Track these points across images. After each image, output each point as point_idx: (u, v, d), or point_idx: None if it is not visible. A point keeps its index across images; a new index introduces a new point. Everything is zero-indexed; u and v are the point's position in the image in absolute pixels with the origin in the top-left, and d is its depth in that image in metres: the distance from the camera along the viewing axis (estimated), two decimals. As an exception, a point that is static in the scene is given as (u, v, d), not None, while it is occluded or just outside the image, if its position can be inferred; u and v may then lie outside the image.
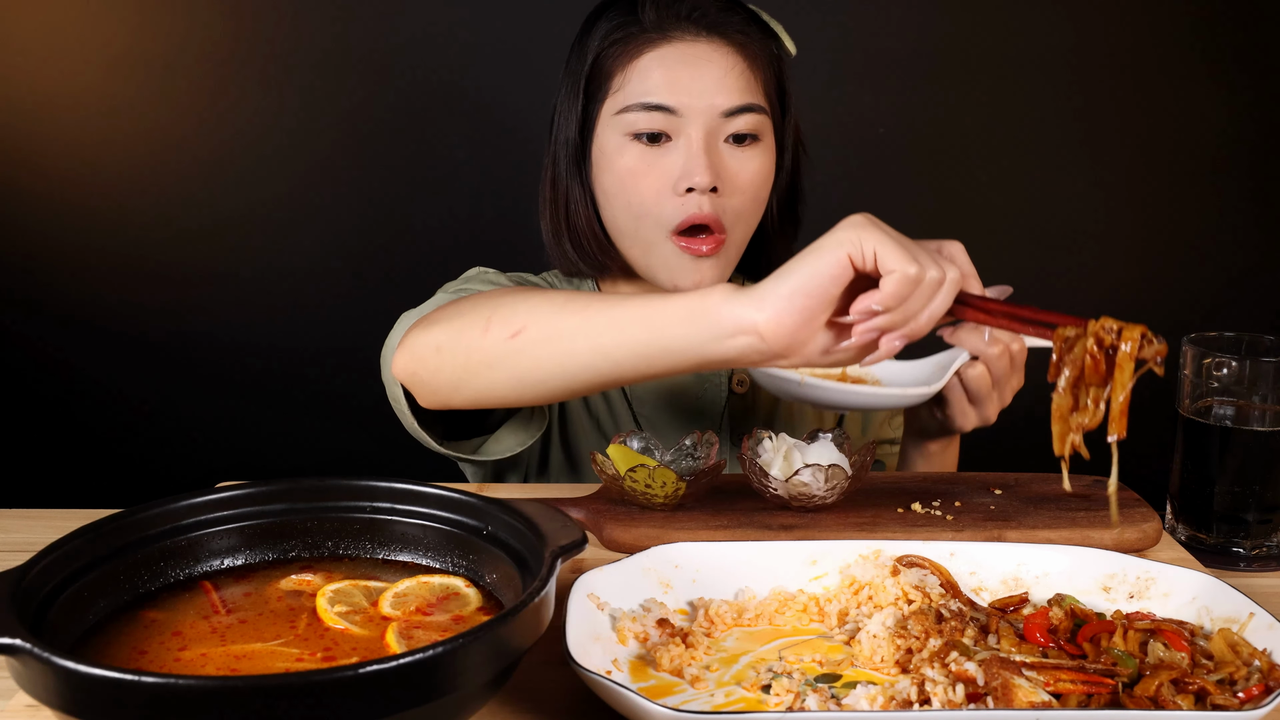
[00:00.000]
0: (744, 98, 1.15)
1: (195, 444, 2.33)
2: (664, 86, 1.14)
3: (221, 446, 2.32)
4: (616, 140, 1.17)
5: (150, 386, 2.29)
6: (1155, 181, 2.29)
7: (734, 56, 1.16)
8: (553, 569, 0.68)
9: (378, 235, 2.27)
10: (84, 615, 0.71)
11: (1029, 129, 2.25)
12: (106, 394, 2.31)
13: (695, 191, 1.14)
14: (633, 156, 1.16)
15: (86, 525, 0.73)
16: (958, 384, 1.13)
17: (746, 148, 1.17)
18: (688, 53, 1.15)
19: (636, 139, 1.16)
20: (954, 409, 1.13)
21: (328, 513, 0.81)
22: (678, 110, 1.14)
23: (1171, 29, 2.24)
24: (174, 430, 2.32)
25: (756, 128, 1.17)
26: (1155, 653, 0.74)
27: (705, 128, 1.14)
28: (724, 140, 1.16)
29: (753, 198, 1.18)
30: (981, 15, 2.22)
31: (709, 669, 0.77)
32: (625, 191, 1.17)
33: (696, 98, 1.14)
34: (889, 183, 2.25)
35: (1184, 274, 2.32)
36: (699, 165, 1.13)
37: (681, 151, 1.14)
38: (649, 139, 1.16)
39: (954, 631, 0.78)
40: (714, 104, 1.14)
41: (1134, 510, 1.02)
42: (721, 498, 1.05)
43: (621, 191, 1.17)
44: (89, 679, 0.56)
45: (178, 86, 2.19)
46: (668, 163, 1.15)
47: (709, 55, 1.15)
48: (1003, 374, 1.10)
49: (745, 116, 1.15)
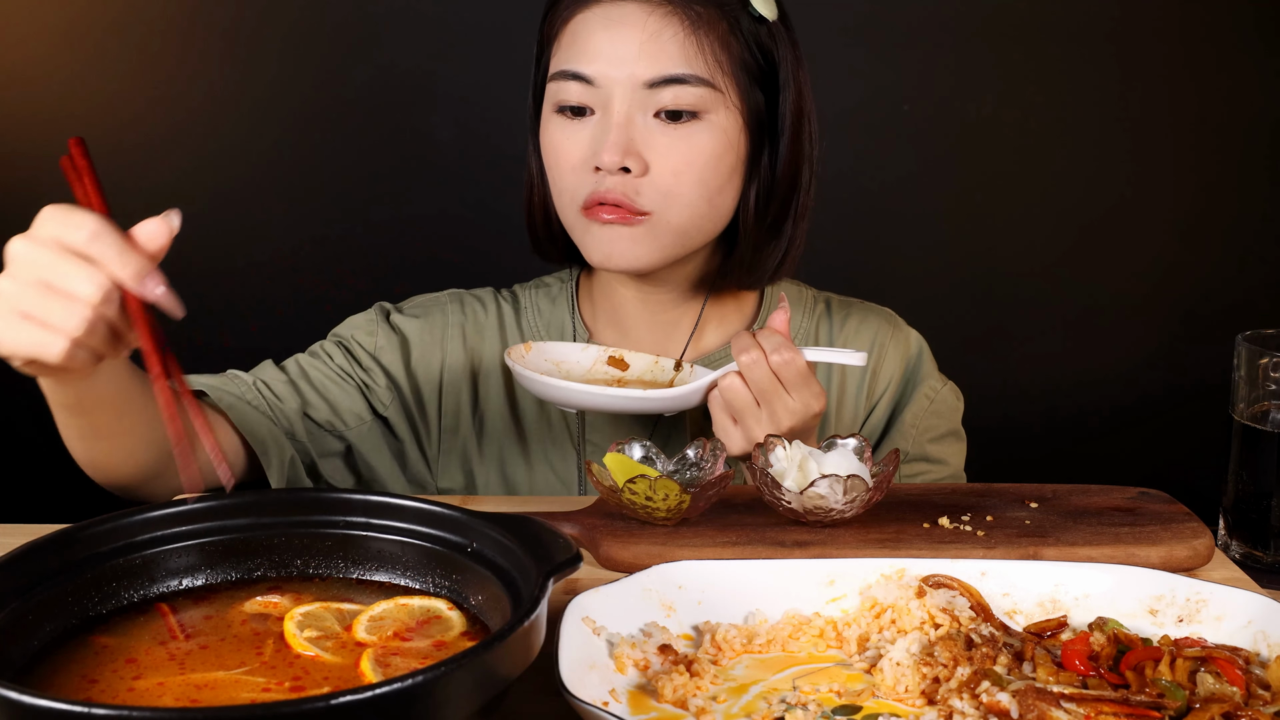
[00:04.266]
0: (673, 67, 1.12)
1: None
2: (583, 54, 1.14)
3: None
4: (547, 112, 1.19)
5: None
6: (1204, 164, 2.29)
7: (669, 19, 1.12)
8: (544, 590, 0.68)
9: (353, 224, 2.26)
10: (28, 640, 0.71)
11: (1066, 105, 2.25)
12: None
13: (605, 170, 1.14)
14: (555, 129, 1.18)
15: (31, 542, 0.73)
16: (718, 398, 1.14)
17: (683, 125, 1.14)
18: (612, 14, 1.14)
19: (561, 112, 1.17)
20: (715, 426, 1.14)
21: (296, 528, 0.81)
22: (594, 80, 1.13)
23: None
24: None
25: (696, 103, 1.13)
26: (1206, 683, 0.75)
27: (626, 100, 1.13)
28: (654, 115, 1.14)
29: (692, 181, 1.15)
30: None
31: (716, 700, 0.77)
32: (550, 167, 1.20)
33: (615, 66, 1.13)
34: (912, 165, 2.25)
35: (1238, 266, 2.32)
36: (607, 142, 1.13)
37: (599, 126, 1.15)
38: (572, 111, 1.16)
39: (985, 659, 0.78)
40: (634, 74, 1.12)
41: (1183, 525, 1.02)
42: (729, 511, 1.05)
43: (549, 168, 1.20)
44: (34, 711, 0.56)
45: (130, 57, 2.19)
46: (584, 137, 1.15)
47: (633, 18, 1.13)
48: (763, 387, 1.10)
49: (676, 89, 1.12)
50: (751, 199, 1.21)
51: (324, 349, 1.30)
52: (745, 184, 1.21)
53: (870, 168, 2.21)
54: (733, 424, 1.14)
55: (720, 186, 1.18)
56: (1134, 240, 2.31)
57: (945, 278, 2.29)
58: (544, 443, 1.31)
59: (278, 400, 1.23)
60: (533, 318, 1.34)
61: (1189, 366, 2.28)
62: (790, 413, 1.11)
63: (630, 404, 1.16)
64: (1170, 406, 2.31)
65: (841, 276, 1.51)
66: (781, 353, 1.10)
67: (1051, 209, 2.28)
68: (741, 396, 1.11)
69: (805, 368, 1.11)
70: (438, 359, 1.31)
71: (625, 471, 1.01)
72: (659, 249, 1.18)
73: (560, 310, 1.34)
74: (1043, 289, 2.30)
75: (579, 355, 1.26)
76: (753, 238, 1.22)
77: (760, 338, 1.11)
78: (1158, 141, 2.26)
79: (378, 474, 1.30)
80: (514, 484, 1.32)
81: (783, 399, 1.11)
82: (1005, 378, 2.30)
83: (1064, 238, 2.29)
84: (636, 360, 1.26)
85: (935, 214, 2.26)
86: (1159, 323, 2.31)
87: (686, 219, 1.17)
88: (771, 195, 1.22)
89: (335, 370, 1.28)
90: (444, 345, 1.31)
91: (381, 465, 1.29)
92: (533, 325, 1.33)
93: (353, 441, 1.27)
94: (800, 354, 1.11)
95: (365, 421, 1.28)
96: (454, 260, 2.22)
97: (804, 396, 1.11)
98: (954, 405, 1.34)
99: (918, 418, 1.32)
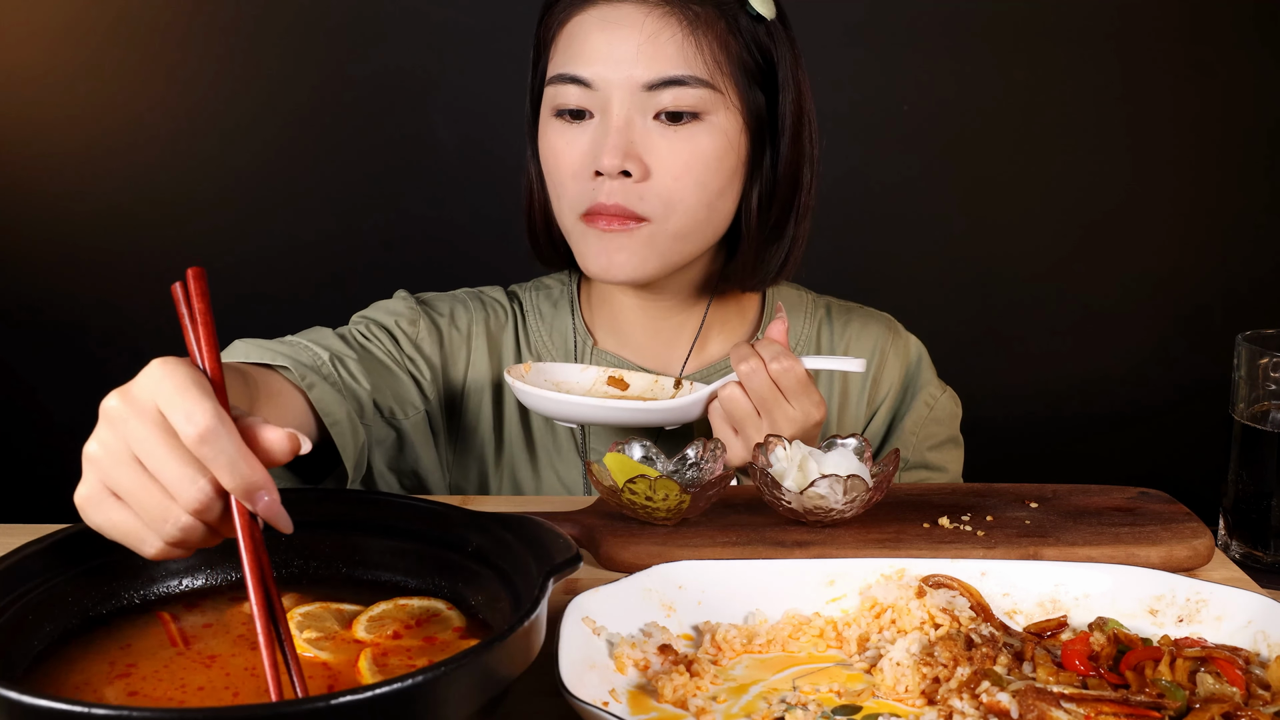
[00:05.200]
0: (672, 68, 1.11)
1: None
2: (581, 56, 1.13)
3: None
4: (545, 116, 1.18)
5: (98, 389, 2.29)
6: (1204, 164, 2.29)
7: (667, 19, 1.11)
8: (544, 590, 0.68)
9: (354, 224, 2.27)
10: (29, 640, 0.71)
11: (1066, 105, 2.25)
12: (50, 398, 2.31)
13: (605, 175, 1.13)
14: (553, 134, 1.17)
15: (31, 542, 0.73)
16: (718, 408, 1.14)
17: (683, 126, 1.13)
18: (609, 16, 1.13)
19: (559, 115, 1.16)
20: (716, 437, 1.13)
21: (296, 528, 0.81)
22: (592, 83, 1.13)
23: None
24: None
25: (696, 104, 1.12)
26: (1206, 683, 0.75)
27: (625, 103, 1.12)
28: (653, 117, 1.13)
29: (692, 184, 1.14)
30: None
31: (716, 700, 0.77)
32: (549, 172, 1.19)
33: (612, 69, 1.12)
34: (912, 164, 2.25)
35: (1238, 266, 2.32)
36: (606, 146, 1.12)
37: (598, 129, 1.14)
38: (571, 115, 1.15)
39: (985, 659, 0.78)
40: (632, 76, 1.11)
41: (1183, 525, 1.02)
42: (729, 511, 1.05)
43: (547, 173, 1.19)
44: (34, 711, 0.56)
45: (130, 57, 2.19)
46: (583, 142, 1.14)
47: (630, 19, 1.12)
48: (763, 396, 1.10)
49: (675, 90, 1.11)
50: (753, 200, 1.20)
51: (370, 331, 1.25)
52: (746, 185, 1.20)
53: (869, 168, 2.21)
54: (734, 434, 1.13)
55: (721, 189, 1.17)
56: (1134, 240, 2.31)
57: (945, 278, 2.29)
58: (550, 451, 1.31)
59: (352, 380, 1.18)
60: (534, 320, 1.33)
61: (1189, 366, 2.28)
62: (791, 421, 1.11)
63: (631, 416, 1.16)
64: (1170, 406, 2.31)
65: (840, 278, 1.51)
66: (780, 361, 1.10)
67: (1051, 209, 2.28)
68: (742, 406, 1.11)
69: (805, 376, 1.11)
70: (464, 356, 1.30)
71: (625, 471, 1.01)
72: (658, 257, 1.17)
73: (562, 315, 1.33)
74: (1043, 289, 2.31)
75: (578, 376, 1.26)
76: (755, 239, 1.22)
77: (759, 347, 1.11)
78: (1158, 141, 2.27)
79: (423, 467, 1.26)
80: (523, 492, 1.32)
81: (783, 408, 1.11)
82: (1005, 377, 2.30)
83: (1064, 238, 2.29)
84: (636, 380, 1.26)
85: (934, 214, 2.26)
86: (1159, 323, 2.32)
87: (687, 224, 1.16)
88: (773, 196, 1.21)
89: (390, 354, 1.24)
90: (470, 343, 1.30)
91: (427, 457, 1.26)
92: (535, 329, 1.33)
93: (407, 432, 1.24)
94: (799, 362, 1.11)
95: (419, 411, 1.25)
96: (450, 262, 2.22)
97: (804, 405, 1.11)
98: (953, 412, 1.34)
99: (917, 425, 1.32)
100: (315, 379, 1.11)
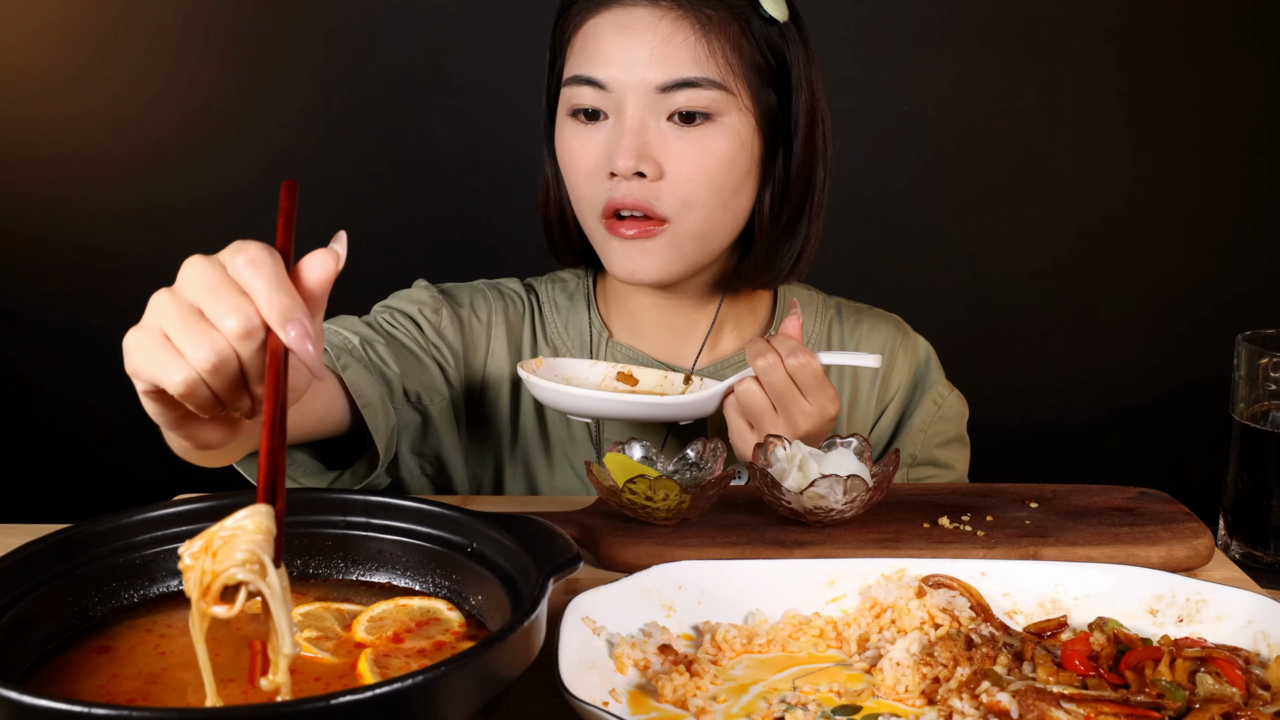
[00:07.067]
0: (685, 71, 1.13)
1: (150, 453, 2.32)
2: (596, 59, 1.15)
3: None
4: (561, 117, 1.19)
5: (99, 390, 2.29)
6: (1204, 164, 2.29)
7: (680, 23, 1.13)
8: (544, 590, 0.68)
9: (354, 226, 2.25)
10: (28, 640, 0.71)
11: (1066, 105, 2.25)
12: (49, 398, 2.31)
13: (620, 176, 1.14)
14: (569, 134, 1.18)
15: (31, 542, 0.73)
16: (734, 403, 1.14)
17: (696, 127, 1.14)
18: (623, 19, 1.14)
19: (574, 116, 1.17)
20: (731, 432, 1.14)
21: (296, 528, 0.81)
22: (607, 85, 1.14)
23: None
24: (127, 438, 2.32)
25: (709, 105, 1.14)
26: (1206, 683, 0.75)
27: (639, 104, 1.13)
28: (667, 118, 1.14)
29: (706, 184, 1.15)
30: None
31: (716, 700, 0.77)
32: (566, 173, 1.20)
33: (626, 71, 1.13)
34: (914, 165, 2.25)
35: (1238, 266, 2.32)
36: (620, 147, 1.13)
37: (612, 130, 1.15)
38: (586, 116, 1.16)
39: (985, 659, 0.78)
40: (646, 78, 1.13)
41: (1183, 525, 1.02)
42: (729, 511, 1.05)
43: (564, 173, 1.20)
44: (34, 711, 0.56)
45: (130, 57, 2.19)
46: (598, 142, 1.16)
47: (644, 22, 1.13)
48: (780, 391, 1.10)
49: (689, 92, 1.13)
50: (766, 200, 1.21)
51: (395, 319, 1.26)
52: (760, 185, 1.21)
53: (870, 169, 2.21)
54: (749, 429, 1.14)
55: (735, 189, 1.18)
56: (1134, 240, 2.31)
57: (945, 277, 2.29)
58: (564, 443, 1.31)
59: (382, 363, 1.19)
60: (551, 313, 1.34)
61: (1189, 366, 2.28)
62: (807, 416, 1.11)
63: (647, 411, 1.16)
64: (1170, 406, 2.31)
65: (841, 277, 1.51)
66: (797, 356, 1.10)
67: (1051, 209, 2.28)
68: (759, 401, 1.11)
69: (820, 371, 1.11)
70: (484, 345, 1.31)
71: (625, 471, 1.00)
72: (680, 259, 1.18)
73: (578, 308, 1.34)
74: (1043, 289, 2.30)
75: (588, 371, 1.26)
76: (768, 238, 1.23)
77: (775, 343, 1.12)
78: (1158, 141, 2.26)
79: (445, 453, 1.27)
80: (537, 484, 1.32)
81: (799, 403, 1.11)
82: (1005, 377, 2.30)
83: (1064, 238, 2.29)
84: (646, 375, 1.26)
85: (934, 215, 2.26)
86: (1159, 323, 2.31)
87: (704, 223, 1.17)
88: (786, 195, 1.22)
89: (416, 341, 1.25)
90: (490, 332, 1.31)
91: (450, 444, 1.27)
92: (552, 321, 1.33)
93: (433, 417, 1.24)
94: (815, 357, 1.11)
95: (444, 397, 1.26)
96: (451, 262, 2.22)
97: (820, 400, 1.11)
98: (960, 411, 1.35)
99: (926, 422, 1.33)
100: (349, 359, 1.13)
